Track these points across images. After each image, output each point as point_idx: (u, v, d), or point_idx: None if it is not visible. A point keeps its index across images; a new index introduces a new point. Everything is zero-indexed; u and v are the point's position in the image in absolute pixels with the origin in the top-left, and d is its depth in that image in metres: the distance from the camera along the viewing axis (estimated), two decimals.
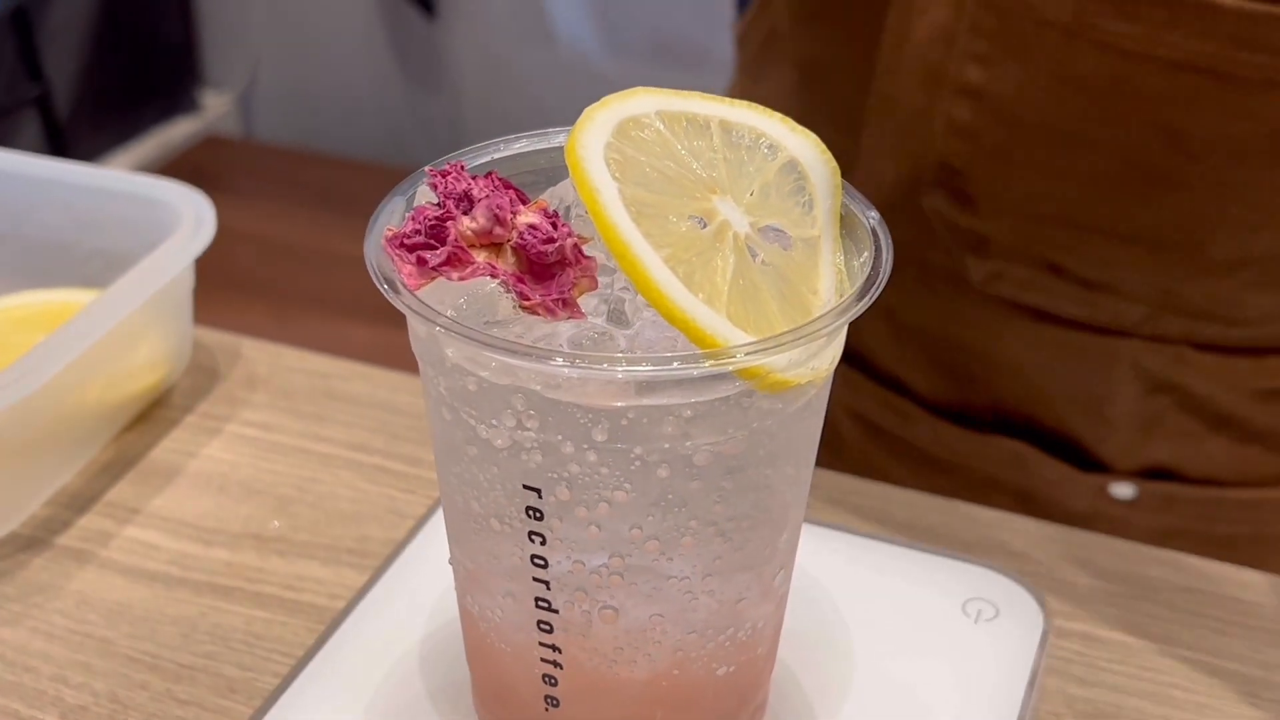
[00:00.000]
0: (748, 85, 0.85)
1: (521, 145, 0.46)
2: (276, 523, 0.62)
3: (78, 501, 0.63)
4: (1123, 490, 0.78)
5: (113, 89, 2.43)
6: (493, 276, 0.39)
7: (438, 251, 0.39)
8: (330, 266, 2.27)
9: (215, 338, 0.74)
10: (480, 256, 0.40)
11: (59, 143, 2.23)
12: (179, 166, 2.46)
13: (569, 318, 0.40)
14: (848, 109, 0.76)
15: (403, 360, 0.75)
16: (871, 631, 0.54)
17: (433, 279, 0.40)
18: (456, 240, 0.39)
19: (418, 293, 0.40)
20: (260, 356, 0.73)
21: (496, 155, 0.46)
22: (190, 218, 0.67)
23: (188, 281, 0.68)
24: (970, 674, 0.53)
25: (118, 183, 0.70)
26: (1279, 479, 0.78)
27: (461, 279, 0.39)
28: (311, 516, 0.63)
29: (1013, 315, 0.75)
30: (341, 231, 2.34)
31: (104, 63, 2.40)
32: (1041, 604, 0.56)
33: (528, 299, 0.39)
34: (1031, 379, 0.77)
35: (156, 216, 0.68)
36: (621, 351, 0.40)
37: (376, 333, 2.09)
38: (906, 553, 0.58)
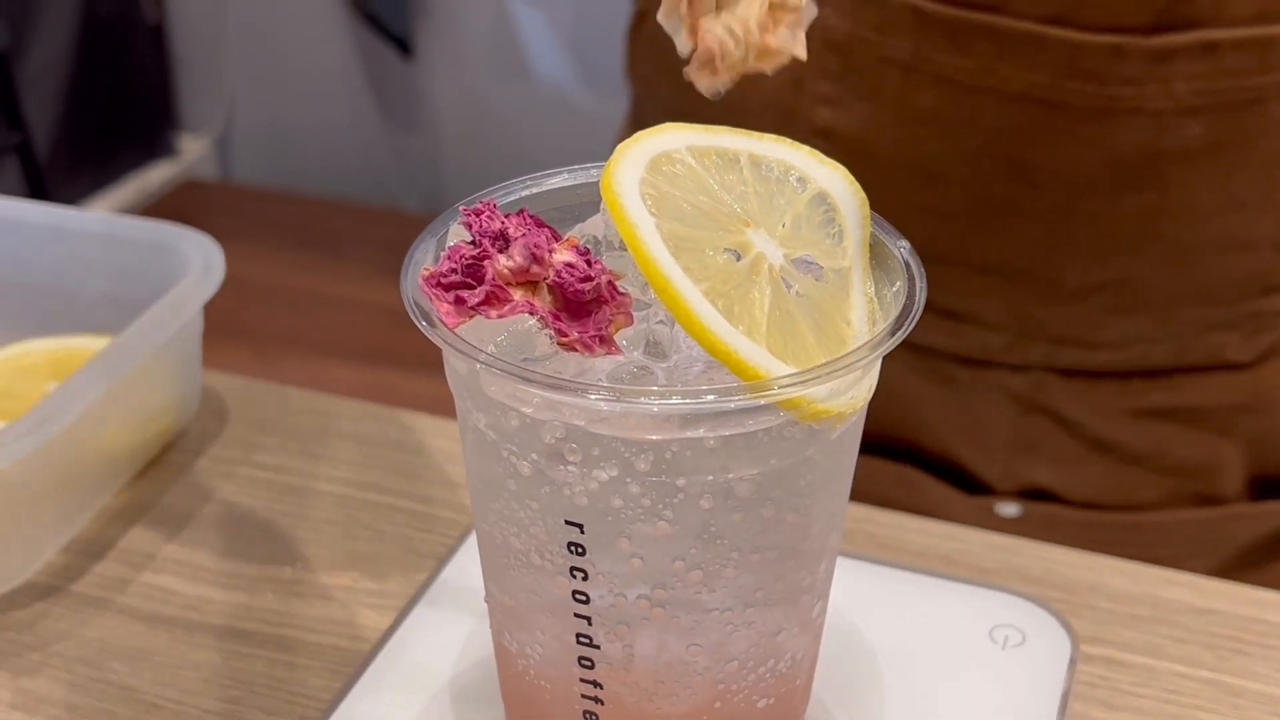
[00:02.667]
0: (634, 127, 0.84)
1: (554, 182, 0.46)
2: (294, 565, 0.62)
3: (94, 548, 0.63)
4: (1008, 509, 0.78)
5: (90, 135, 2.43)
6: (531, 314, 0.40)
7: (476, 290, 0.40)
8: (312, 308, 2.27)
9: (224, 381, 0.74)
10: (517, 294, 0.40)
11: (38, 189, 2.22)
12: (157, 211, 2.45)
13: (606, 354, 0.40)
14: None
15: (390, 400, 0.75)
16: (900, 661, 0.54)
17: (471, 318, 0.40)
18: (495, 279, 0.40)
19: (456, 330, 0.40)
20: (270, 399, 0.73)
21: (525, 193, 0.46)
22: (199, 262, 0.67)
23: (198, 326, 0.68)
24: (1001, 701, 0.53)
25: (124, 228, 0.70)
26: (1160, 502, 0.78)
27: (500, 317, 0.39)
28: (329, 558, 0.63)
29: None
30: (323, 273, 2.35)
31: (81, 109, 2.39)
32: (1068, 628, 0.56)
33: (566, 336, 0.40)
34: (912, 405, 0.78)
35: (162, 261, 0.68)
36: (660, 385, 0.40)
37: (361, 373, 2.09)
38: (930, 581, 0.58)
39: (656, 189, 0.41)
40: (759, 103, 0.72)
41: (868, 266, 0.44)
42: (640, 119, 0.86)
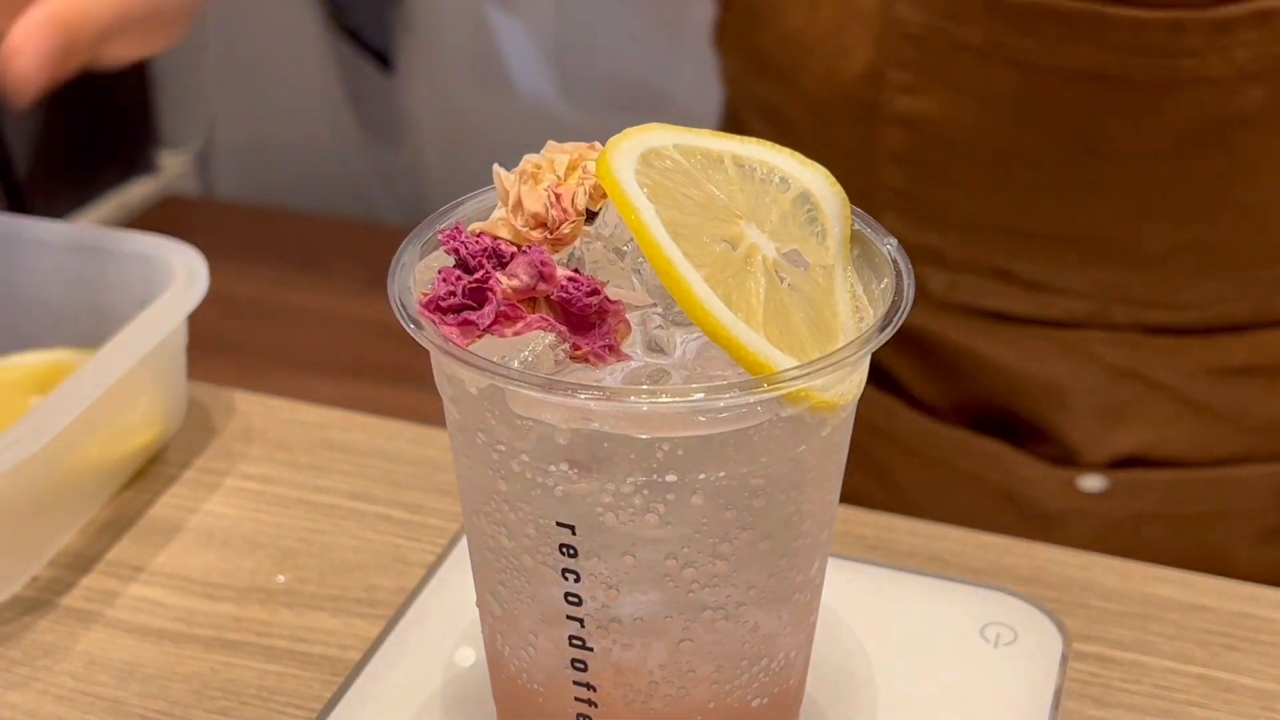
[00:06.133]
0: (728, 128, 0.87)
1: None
2: (282, 576, 0.62)
3: (80, 561, 0.62)
4: (1091, 483, 0.81)
5: (70, 152, 2.42)
6: (548, 329, 0.39)
7: (483, 312, 0.39)
8: (294, 322, 2.26)
9: (208, 392, 0.73)
10: (527, 311, 0.40)
11: (18, 207, 2.21)
12: (139, 227, 2.43)
13: (616, 361, 0.40)
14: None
15: (374, 414, 0.75)
16: (892, 660, 0.54)
17: (480, 338, 0.40)
18: (505, 298, 0.39)
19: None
20: (254, 409, 0.72)
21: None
22: (183, 273, 0.66)
23: (182, 337, 0.68)
24: (993, 699, 0.53)
25: (107, 240, 0.70)
26: (1242, 456, 0.81)
27: (516, 335, 0.39)
28: (317, 568, 0.62)
29: (975, 318, 0.80)
30: (305, 287, 2.34)
31: (61, 126, 2.39)
32: (1059, 626, 0.56)
33: (579, 349, 0.40)
34: (1004, 374, 0.81)
35: (146, 273, 0.68)
36: (676, 385, 0.40)
37: (345, 388, 2.08)
38: (921, 580, 0.58)
39: (651, 179, 0.41)
40: (839, 94, 0.77)
41: (849, 264, 0.44)
42: (733, 119, 0.89)
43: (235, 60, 2.58)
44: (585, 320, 0.40)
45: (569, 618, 0.42)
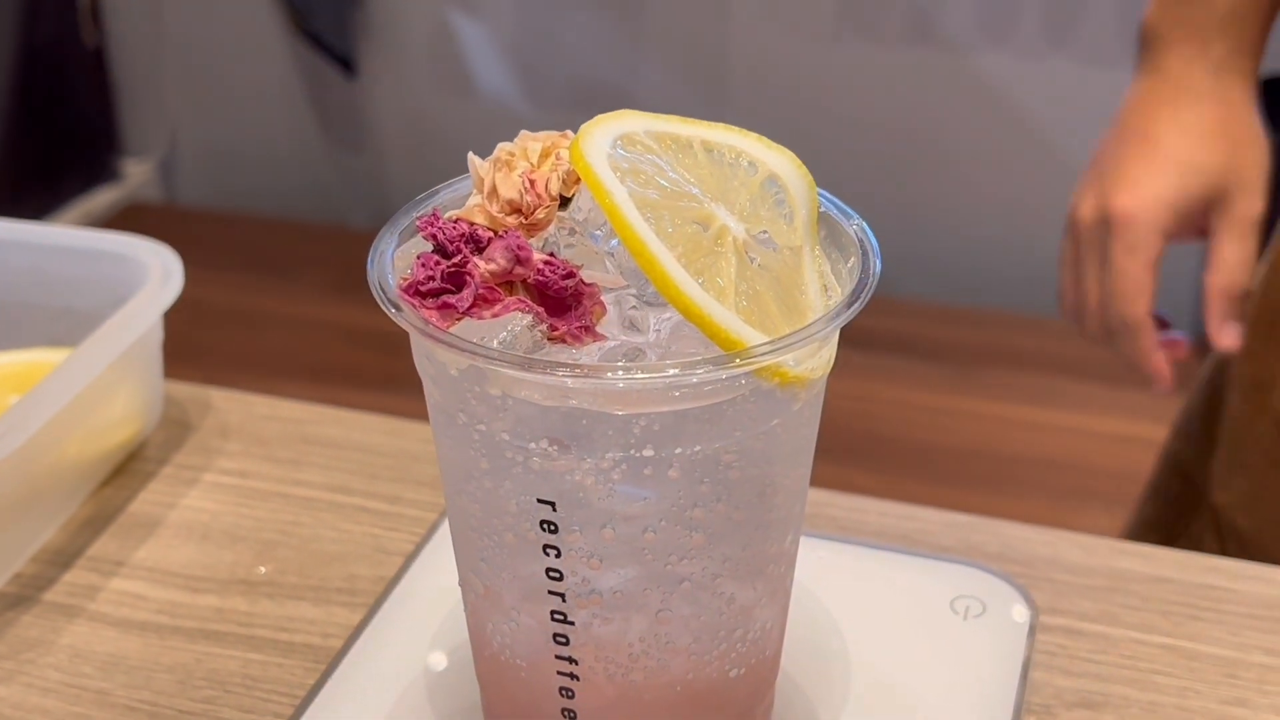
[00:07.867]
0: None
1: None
2: (263, 568, 0.63)
3: (61, 557, 0.63)
4: None
5: (32, 161, 2.41)
6: (525, 311, 0.41)
7: (462, 295, 0.40)
8: (259, 327, 2.26)
9: (185, 390, 0.74)
10: (504, 293, 0.41)
11: None
12: None
13: (593, 341, 0.41)
14: None
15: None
16: (865, 634, 0.55)
17: (459, 321, 0.41)
18: (483, 281, 0.40)
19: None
20: (231, 406, 0.73)
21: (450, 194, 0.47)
22: (158, 271, 0.67)
23: (157, 335, 0.68)
24: (964, 669, 0.54)
25: (82, 240, 0.70)
26: None
27: (495, 316, 0.40)
28: (297, 559, 0.63)
29: None
30: (271, 293, 2.34)
31: (22, 135, 2.38)
32: (1027, 597, 0.57)
33: (557, 329, 0.41)
34: None
35: (121, 272, 0.69)
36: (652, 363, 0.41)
37: (310, 390, 2.08)
38: (891, 556, 0.59)
39: (623, 164, 0.42)
40: None
41: (816, 244, 0.45)
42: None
43: (196, 67, 2.58)
44: (562, 302, 0.41)
45: (550, 593, 0.43)
